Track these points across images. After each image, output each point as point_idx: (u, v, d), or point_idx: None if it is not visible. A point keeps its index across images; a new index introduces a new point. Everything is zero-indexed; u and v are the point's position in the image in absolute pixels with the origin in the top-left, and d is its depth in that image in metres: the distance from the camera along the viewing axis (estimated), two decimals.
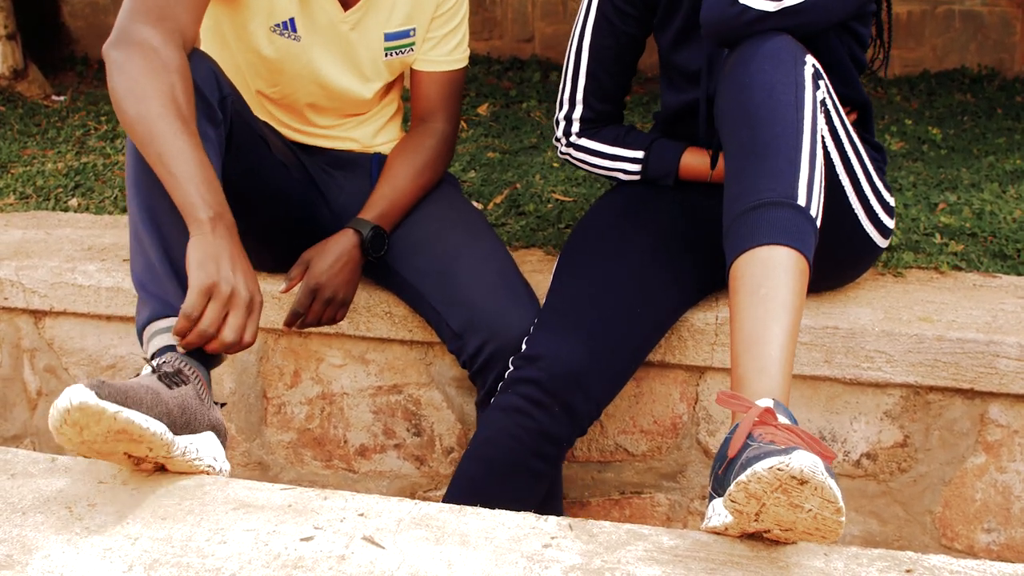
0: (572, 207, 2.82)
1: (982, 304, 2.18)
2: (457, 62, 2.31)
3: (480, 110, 4.08)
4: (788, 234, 1.63)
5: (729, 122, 1.78)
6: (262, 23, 2.15)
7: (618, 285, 1.99)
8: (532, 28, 5.12)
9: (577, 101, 2.24)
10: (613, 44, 2.20)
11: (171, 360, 1.65)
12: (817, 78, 1.79)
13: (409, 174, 2.24)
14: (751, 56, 1.78)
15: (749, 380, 1.55)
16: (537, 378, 1.89)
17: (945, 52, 4.74)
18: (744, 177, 1.71)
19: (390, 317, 2.31)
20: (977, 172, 3.12)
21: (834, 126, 1.86)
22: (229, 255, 1.69)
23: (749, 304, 1.61)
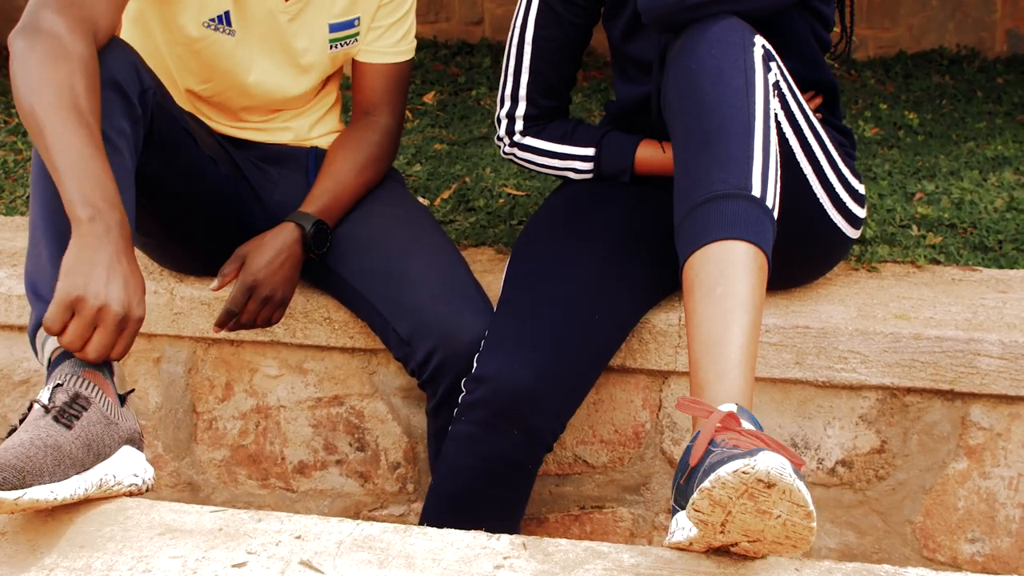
0: (525, 202, 2.82)
1: (961, 300, 2.20)
2: (403, 54, 2.32)
3: (426, 99, 4.07)
4: (743, 228, 1.64)
5: (677, 112, 1.79)
6: (193, 17, 2.14)
7: (571, 291, 1.99)
8: (482, 9, 5.12)
9: (520, 98, 2.24)
10: (558, 35, 2.20)
11: (67, 382, 1.59)
12: (768, 60, 1.80)
13: (352, 169, 2.24)
14: (697, 41, 1.79)
15: (709, 385, 1.56)
16: (489, 400, 1.89)
17: (922, 32, 4.79)
18: (694, 169, 1.72)
19: (330, 323, 2.30)
20: (956, 159, 3.15)
21: (790, 110, 1.87)
22: (107, 261, 1.62)
23: (705, 305, 1.61)
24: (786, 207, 1.78)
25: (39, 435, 1.49)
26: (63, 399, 1.56)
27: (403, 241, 2.15)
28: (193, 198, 2.13)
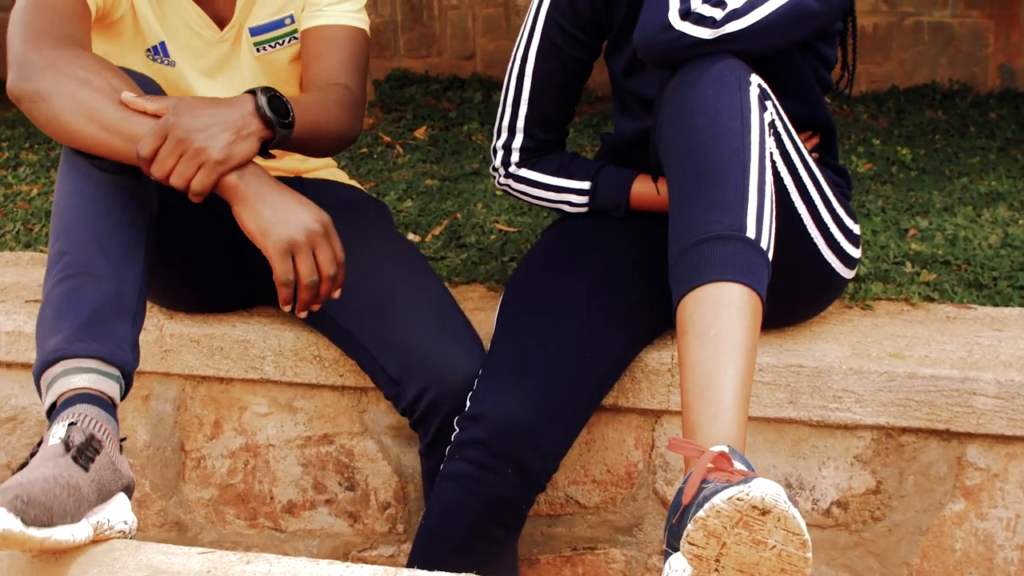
0: (517, 238, 2.82)
1: (956, 338, 2.20)
2: (353, 19, 2.22)
3: (417, 133, 4.08)
4: (738, 269, 1.64)
5: (672, 150, 1.79)
6: (139, 50, 2.17)
7: (566, 329, 1.98)
8: (473, 44, 5.14)
9: (517, 129, 2.24)
10: (559, 69, 2.20)
11: (81, 421, 1.62)
12: (764, 99, 1.80)
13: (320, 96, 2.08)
14: (694, 80, 1.80)
15: (702, 427, 1.56)
16: (483, 439, 1.89)
17: (914, 67, 4.81)
18: (689, 209, 1.72)
19: (319, 361, 2.29)
20: (950, 195, 3.15)
21: (786, 150, 1.88)
22: (280, 200, 1.81)
23: (699, 347, 1.61)
24: (780, 247, 1.78)
25: (61, 474, 1.52)
26: (80, 439, 1.60)
27: (392, 279, 2.14)
28: (183, 232, 2.13)
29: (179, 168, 1.77)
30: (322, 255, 1.83)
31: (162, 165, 1.77)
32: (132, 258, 1.84)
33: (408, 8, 5.16)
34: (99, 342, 1.75)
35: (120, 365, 1.76)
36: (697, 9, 1.81)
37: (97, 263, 1.80)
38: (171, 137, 1.77)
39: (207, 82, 2.23)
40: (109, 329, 1.77)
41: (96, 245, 1.81)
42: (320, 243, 1.83)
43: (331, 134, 2.06)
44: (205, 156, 1.78)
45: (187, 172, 1.78)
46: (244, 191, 1.81)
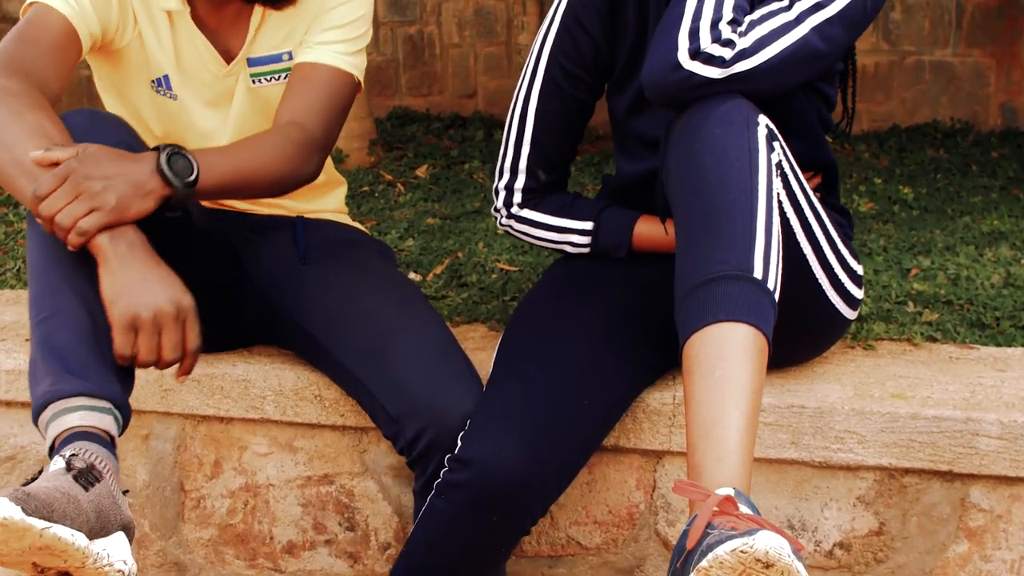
0: (518, 277, 2.82)
1: (959, 378, 2.20)
2: (341, 61, 2.20)
3: (419, 172, 4.09)
4: (744, 310, 1.64)
5: (679, 190, 1.80)
6: (144, 79, 2.18)
7: (562, 374, 1.97)
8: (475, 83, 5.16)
9: (520, 170, 2.24)
10: (561, 110, 2.21)
11: (82, 453, 1.65)
12: (771, 140, 1.81)
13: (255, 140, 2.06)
14: (701, 120, 1.80)
15: (707, 469, 1.55)
16: (473, 484, 1.88)
17: (915, 105, 4.83)
18: (696, 249, 1.72)
19: (320, 400, 2.29)
20: (952, 234, 3.16)
21: (792, 190, 1.88)
22: (139, 273, 1.77)
23: (705, 387, 1.61)
24: (785, 287, 1.78)
25: (60, 486, 1.54)
26: (81, 465, 1.62)
27: (393, 319, 2.14)
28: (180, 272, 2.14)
29: (70, 207, 1.75)
30: (167, 339, 1.79)
31: (54, 202, 1.75)
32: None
33: (410, 46, 5.19)
34: (80, 378, 1.76)
35: (108, 397, 1.77)
36: (707, 49, 1.83)
37: (68, 301, 1.81)
38: (71, 179, 1.75)
39: (209, 112, 2.24)
40: (88, 364, 1.78)
41: (64, 282, 1.82)
42: (168, 325, 1.78)
43: (262, 180, 2.03)
44: (99, 201, 1.76)
45: (77, 212, 1.75)
46: (110, 255, 1.78)
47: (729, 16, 1.85)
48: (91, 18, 2.05)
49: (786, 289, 1.79)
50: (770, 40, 1.86)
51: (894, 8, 4.74)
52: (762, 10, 1.89)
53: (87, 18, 2.04)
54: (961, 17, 4.71)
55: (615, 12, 2.15)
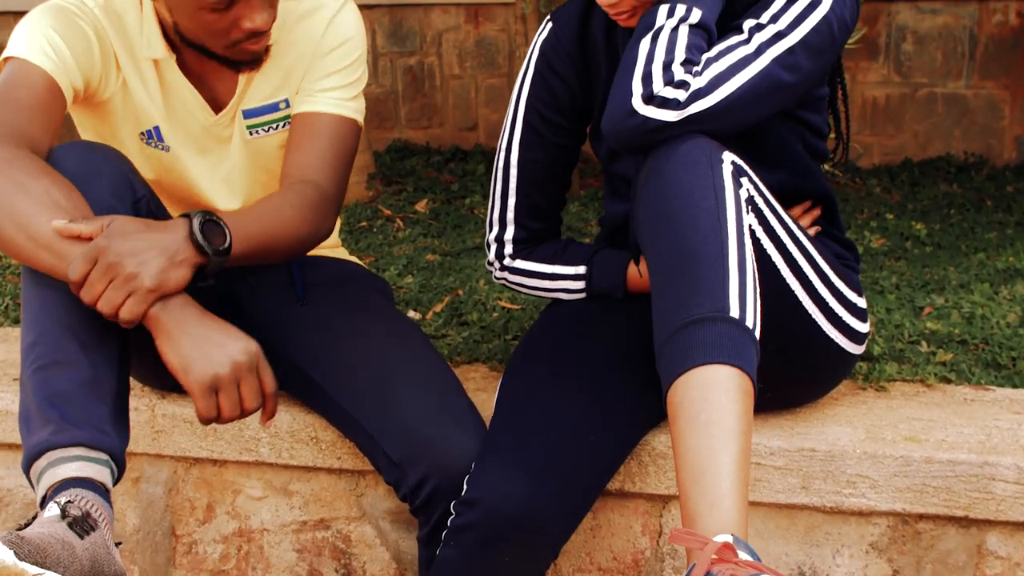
0: (520, 316, 2.82)
1: (974, 421, 2.19)
2: (343, 108, 2.22)
3: (418, 206, 4.10)
4: (724, 351, 1.65)
5: (648, 235, 1.81)
6: (131, 131, 2.19)
7: (566, 412, 1.98)
8: (475, 115, 5.18)
9: (508, 221, 2.25)
10: (543, 157, 2.22)
11: (77, 500, 1.65)
12: (739, 175, 1.82)
13: (274, 203, 2.05)
14: (664, 163, 1.82)
15: (701, 515, 1.56)
16: (480, 524, 1.88)
17: (927, 139, 4.84)
18: (669, 293, 1.73)
19: (316, 443, 2.29)
20: (966, 271, 3.16)
21: (769, 224, 1.88)
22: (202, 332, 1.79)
23: (691, 433, 1.62)
24: (776, 324, 1.79)
25: (55, 532, 1.55)
26: (76, 513, 1.62)
27: (392, 359, 2.14)
28: None
29: (108, 294, 1.74)
30: (246, 389, 1.81)
31: (91, 290, 1.74)
32: (104, 339, 1.85)
33: (409, 78, 5.21)
34: (79, 428, 1.76)
35: (106, 449, 1.77)
36: (660, 92, 1.84)
37: (67, 350, 1.81)
38: (102, 261, 1.74)
39: (200, 161, 2.24)
40: (88, 414, 1.78)
41: (65, 332, 1.82)
42: (246, 377, 1.80)
43: (285, 244, 2.03)
44: (136, 283, 1.75)
45: (116, 299, 1.74)
46: (166, 322, 1.78)
47: (682, 57, 1.87)
48: (73, 70, 2.04)
49: (777, 326, 1.79)
50: (727, 76, 1.87)
51: (905, 39, 4.76)
52: (719, 46, 1.91)
53: (69, 71, 2.03)
54: (974, 48, 4.73)
55: (586, 56, 2.17)
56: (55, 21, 2.04)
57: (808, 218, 2.16)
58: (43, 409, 1.77)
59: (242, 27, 2.01)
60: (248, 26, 2.01)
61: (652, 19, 1.92)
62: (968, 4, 4.69)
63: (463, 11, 5.10)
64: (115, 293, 1.73)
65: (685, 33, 1.89)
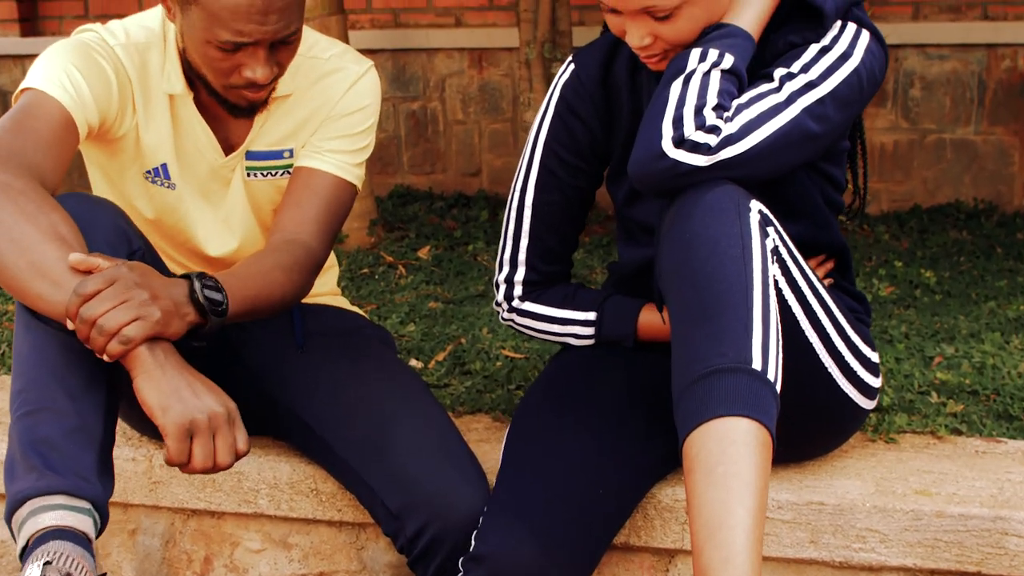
0: (524, 365, 2.82)
1: (986, 474, 2.19)
2: (347, 172, 2.25)
3: (420, 253, 4.11)
4: (745, 403, 1.65)
5: (672, 282, 1.81)
6: (139, 169, 2.21)
7: (573, 465, 1.98)
8: (479, 160, 5.20)
9: (519, 262, 2.26)
10: (559, 200, 2.22)
11: (57, 560, 1.64)
12: (765, 225, 1.83)
13: (266, 264, 2.07)
14: (691, 209, 1.82)
15: (714, 571, 1.56)
16: None
17: (937, 185, 4.85)
18: (691, 342, 1.73)
19: (316, 494, 2.29)
20: (977, 320, 3.16)
21: (792, 276, 1.89)
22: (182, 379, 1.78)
23: (707, 485, 1.62)
24: (792, 378, 1.79)
25: None
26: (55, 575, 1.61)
27: (393, 410, 2.14)
28: None
29: (115, 312, 1.73)
30: (221, 442, 1.80)
31: (98, 306, 1.73)
32: (92, 387, 1.85)
33: (412, 123, 5.23)
34: (62, 476, 1.76)
35: (89, 498, 1.77)
36: (691, 136, 1.85)
37: (55, 397, 1.82)
38: (120, 284, 1.75)
39: (201, 202, 2.26)
40: (72, 462, 1.78)
41: (53, 379, 1.83)
42: (222, 429, 1.80)
43: (273, 305, 2.05)
44: (147, 310, 1.76)
45: (123, 318, 1.73)
46: (150, 363, 1.77)
47: (714, 102, 1.87)
48: (90, 107, 2.06)
49: (793, 380, 1.79)
50: (758, 124, 1.88)
51: (913, 85, 4.78)
52: (750, 92, 1.92)
53: (86, 107, 2.05)
54: (983, 94, 4.75)
55: (609, 98, 2.18)
56: (76, 57, 2.06)
57: (822, 270, 2.17)
58: (27, 455, 1.77)
59: (242, 74, 2.05)
60: (248, 75, 2.04)
61: (683, 63, 1.93)
62: (976, 50, 4.72)
63: (467, 56, 5.13)
64: (124, 313, 1.74)
65: (717, 78, 1.90)
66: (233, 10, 1.95)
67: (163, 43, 2.16)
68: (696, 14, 1.93)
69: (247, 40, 1.99)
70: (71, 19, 5.74)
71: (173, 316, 1.80)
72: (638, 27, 1.95)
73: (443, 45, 5.15)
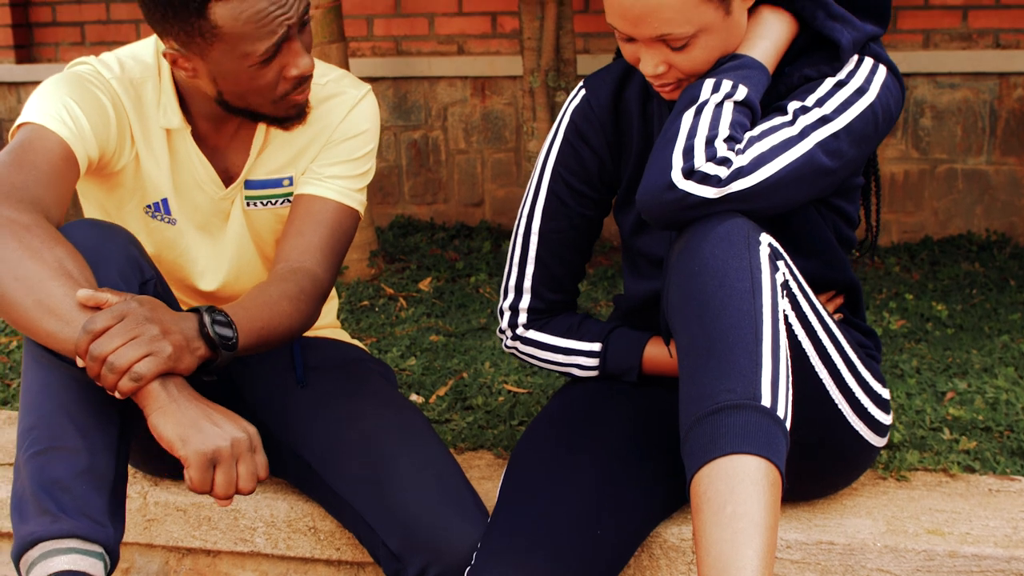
0: (526, 400, 2.82)
1: (1000, 513, 2.18)
2: (349, 198, 2.26)
3: (422, 285, 4.11)
4: (754, 441, 1.64)
5: (680, 315, 1.81)
6: (138, 204, 2.22)
7: (573, 503, 1.97)
8: (482, 191, 5.20)
9: (525, 290, 2.25)
10: (567, 227, 2.23)
11: None
12: (775, 259, 1.82)
13: (273, 295, 2.07)
14: (700, 241, 1.82)
15: None
16: None
17: (948, 216, 4.85)
18: (699, 377, 1.72)
19: (315, 533, 2.28)
20: (989, 354, 3.15)
21: (802, 311, 1.88)
22: (199, 411, 1.78)
23: (715, 525, 1.61)
24: (801, 414, 1.78)
25: None
26: None
27: (393, 446, 2.13)
28: None
29: (126, 349, 1.73)
30: (244, 469, 1.80)
31: (108, 343, 1.73)
32: (103, 425, 1.85)
33: (414, 152, 5.24)
34: (75, 519, 1.76)
35: (101, 541, 1.77)
36: (701, 168, 1.84)
37: (66, 435, 1.82)
38: (129, 320, 1.75)
39: (201, 236, 2.26)
40: (84, 504, 1.78)
41: (64, 416, 1.83)
42: (245, 456, 1.80)
43: (281, 335, 2.05)
44: (158, 346, 1.76)
45: (134, 355, 1.73)
46: (164, 399, 1.77)
47: (726, 133, 1.87)
48: (89, 140, 2.07)
49: (803, 416, 1.79)
50: (770, 157, 1.87)
51: (924, 115, 4.79)
52: (763, 124, 1.92)
53: (85, 140, 2.06)
54: (995, 124, 4.76)
55: (619, 125, 2.18)
56: (72, 90, 2.08)
57: (831, 306, 2.16)
58: (38, 497, 1.77)
59: (288, 76, 2.07)
60: (294, 72, 2.06)
61: (696, 93, 1.93)
62: (988, 79, 4.73)
63: (469, 84, 5.14)
64: (135, 350, 1.74)
65: (730, 110, 1.90)
66: (256, 18, 1.98)
67: (158, 77, 2.17)
68: (712, 44, 1.93)
69: (281, 37, 2.01)
70: (67, 46, 5.75)
71: (184, 351, 1.81)
72: (653, 55, 1.95)
73: (445, 73, 5.16)
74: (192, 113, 2.18)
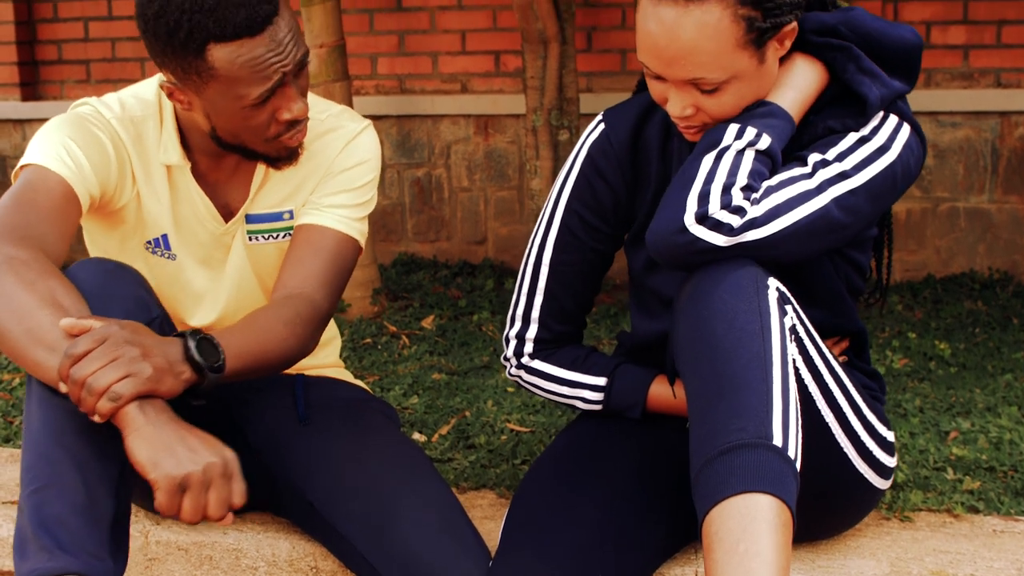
0: (529, 439, 2.81)
1: (1005, 554, 2.17)
2: (349, 227, 2.26)
3: (424, 323, 4.11)
4: (766, 480, 1.64)
5: (689, 358, 1.81)
6: (139, 240, 2.24)
7: (574, 545, 1.95)
8: (485, 228, 5.21)
9: (532, 319, 2.25)
10: (578, 261, 2.22)
11: None
12: (783, 303, 1.82)
13: (268, 319, 2.08)
14: (710, 286, 1.82)
15: None
16: None
17: (950, 255, 4.85)
18: (710, 418, 1.72)
19: (316, 572, 2.27)
20: (993, 393, 3.15)
21: (809, 355, 1.89)
22: (175, 434, 1.77)
23: (728, 563, 1.61)
24: (807, 457, 1.78)
25: None
26: None
27: (395, 486, 2.13)
28: None
29: (106, 371, 1.74)
30: (215, 496, 1.79)
31: (88, 365, 1.74)
32: (103, 460, 1.86)
33: (417, 190, 5.25)
34: (73, 555, 1.76)
35: None
36: (715, 215, 1.84)
37: (64, 471, 1.82)
38: (109, 343, 1.76)
39: (203, 271, 2.27)
40: (82, 539, 1.78)
41: (62, 452, 1.83)
42: (217, 482, 1.79)
43: (275, 360, 2.06)
44: (137, 369, 1.77)
45: (113, 376, 1.74)
46: (141, 421, 1.77)
47: (743, 182, 1.87)
48: (90, 178, 2.09)
49: (808, 459, 1.78)
50: (785, 209, 1.87)
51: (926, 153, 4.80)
52: (781, 175, 1.91)
53: (86, 179, 2.08)
54: (997, 162, 4.77)
55: (637, 162, 2.18)
56: (72, 130, 2.10)
57: (836, 349, 2.16)
58: (37, 534, 1.78)
59: (280, 119, 2.08)
60: (287, 116, 2.07)
61: (719, 137, 1.93)
62: (989, 117, 4.74)
63: (472, 122, 5.16)
64: (114, 371, 1.75)
65: (751, 158, 1.90)
66: (252, 63, 1.99)
67: (159, 114, 2.19)
68: (743, 91, 1.93)
69: (275, 83, 2.02)
70: (72, 83, 5.78)
71: (166, 373, 1.81)
72: (682, 97, 1.95)
73: (448, 111, 5.18)
74: (192, 149, 2.19)
